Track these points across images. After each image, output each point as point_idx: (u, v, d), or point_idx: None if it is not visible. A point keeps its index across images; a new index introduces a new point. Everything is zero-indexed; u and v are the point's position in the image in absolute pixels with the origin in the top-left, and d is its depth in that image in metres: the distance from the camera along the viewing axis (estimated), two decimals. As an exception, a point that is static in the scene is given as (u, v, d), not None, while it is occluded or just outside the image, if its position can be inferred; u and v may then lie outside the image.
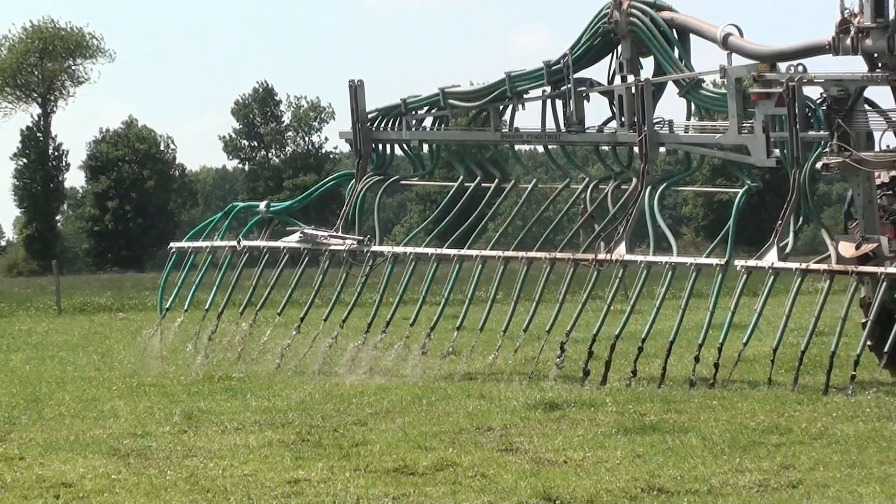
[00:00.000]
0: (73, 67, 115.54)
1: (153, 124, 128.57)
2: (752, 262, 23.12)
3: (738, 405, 19.66)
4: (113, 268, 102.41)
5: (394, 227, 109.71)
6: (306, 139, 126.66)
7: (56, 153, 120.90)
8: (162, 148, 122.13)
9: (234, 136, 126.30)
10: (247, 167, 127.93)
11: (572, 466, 15.29)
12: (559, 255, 24.45)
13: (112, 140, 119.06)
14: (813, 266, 22.79)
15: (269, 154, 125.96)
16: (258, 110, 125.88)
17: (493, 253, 25.20)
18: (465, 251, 25.41)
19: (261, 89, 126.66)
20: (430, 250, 25.54)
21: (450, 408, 19.89)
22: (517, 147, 27.64)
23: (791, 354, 22.93)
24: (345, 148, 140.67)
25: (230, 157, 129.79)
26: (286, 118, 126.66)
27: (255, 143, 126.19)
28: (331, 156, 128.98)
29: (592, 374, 23.20)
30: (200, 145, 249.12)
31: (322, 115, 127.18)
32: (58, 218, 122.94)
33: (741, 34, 23.84)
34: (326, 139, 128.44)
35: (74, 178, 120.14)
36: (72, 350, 31.55)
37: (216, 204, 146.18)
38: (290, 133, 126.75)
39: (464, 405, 20.11)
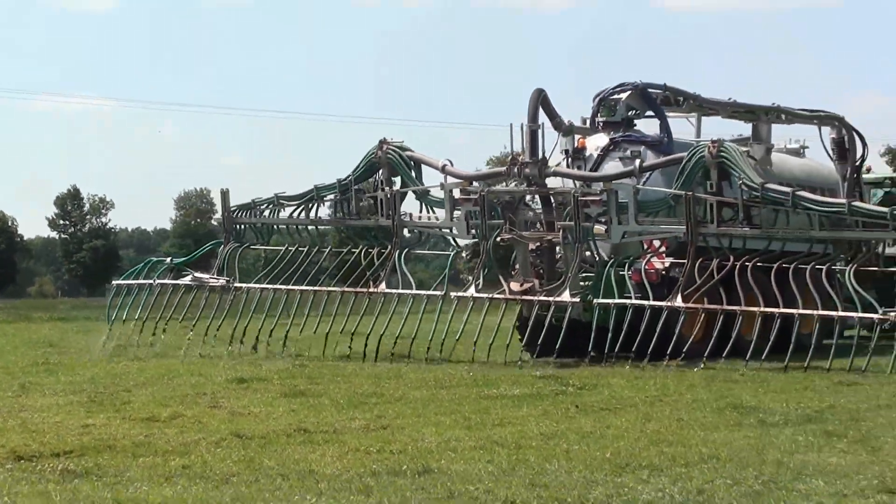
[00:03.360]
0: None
1: (4, 209, 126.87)
2: (460, 293, 24.11)
3: (353, 379, 19.68)
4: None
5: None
6: (98, 220, 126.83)
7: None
8: (9, 224, 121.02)
9: (55, 217, 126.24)
10: (62, 236, 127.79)
11: (253, 416, 15.31)
12: (346, 289, 24.93)
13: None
14: (496, 296, 23.71)
15: (76, 229, 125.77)
16: (69, 202, 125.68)
17: (309, 288, 25.39)
18: (291, 287, 25.29)
19: (72, 189, 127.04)
20: (269, 286, 25.48)
21: (180, 381, 19.53)
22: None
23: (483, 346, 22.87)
24: (124, 224, 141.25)
25: (52, 230, 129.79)
26: (87, 206, 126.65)
27: (67, 222, 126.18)
28: (112, 230, 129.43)
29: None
30: (35, 222, 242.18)
31: (107, 206, 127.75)
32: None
33: (452, 164, 25.09)
34: (110, 220, 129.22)
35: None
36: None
37: (44, 259, 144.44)
38: (88, 216, 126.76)
39: (188, 380, 19.70)
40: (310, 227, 26.91)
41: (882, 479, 10.64)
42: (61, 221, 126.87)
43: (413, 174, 25.57)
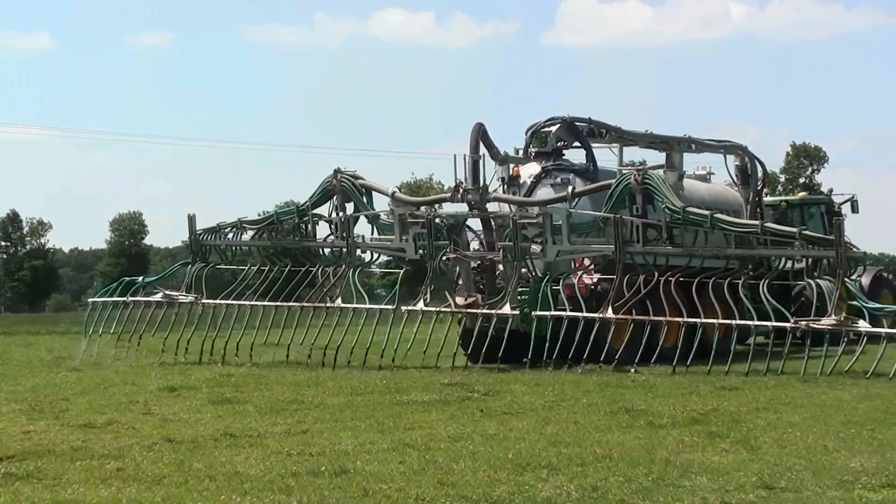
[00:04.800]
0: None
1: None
2: (410, 307, 24.55)
3: (275, 387, 19.64)
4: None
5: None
6: (37, 241, 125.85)
7: None
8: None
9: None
10: (3, 256, 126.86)
11: (183, 422, 15.25)
12: (305, 304, 25.37)
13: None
14: (443, 309, 24.22)
15: (16, 249, 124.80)
16: (10, 225, 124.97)
17: (269, 303, 25.64)
18: (254, 302, 25.57)
19: (11, 213, 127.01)
20: (234, 302, 25.76)
21: (115, 390, 19.39)
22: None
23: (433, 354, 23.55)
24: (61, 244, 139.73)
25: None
26: (26, 229, 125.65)
27: (8, 243, 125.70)
28: (50, 251, 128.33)
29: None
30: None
31: (45, 228, 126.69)
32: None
33: (401, 191, 26.01)
34: (48, 240, 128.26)
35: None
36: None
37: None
38: (27, 237, 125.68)
39: (122, 389, 19.55)
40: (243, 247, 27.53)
41: (760, 476, 10.84)
42: (2, 243, 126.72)
43: (365, 200, 26.05)
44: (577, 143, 26.37)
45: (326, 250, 26.61)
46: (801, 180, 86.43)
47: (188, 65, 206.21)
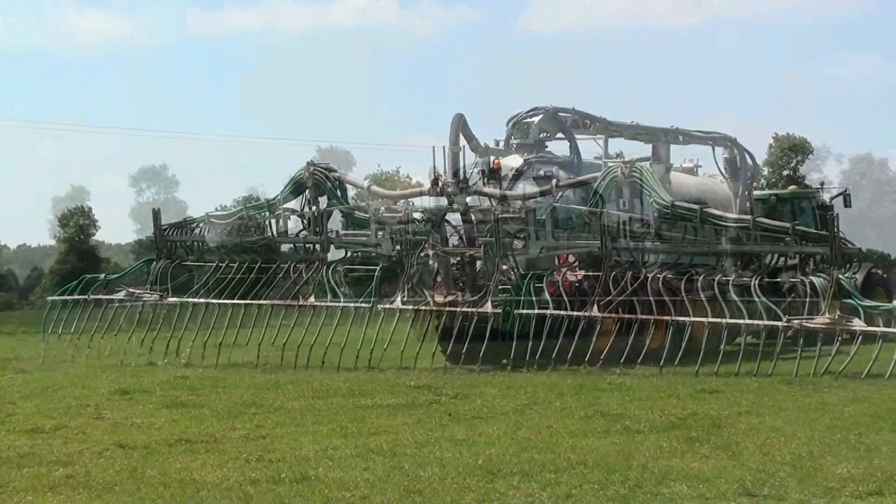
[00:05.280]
0: None
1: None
2: (386, 305, 23.94)
3: (233, 390, 19.22)
4: None
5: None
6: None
7: None
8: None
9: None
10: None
11: (136, 427, 15.09)
12: (277, 302, 24.81)
13: None
14: (421, 307, 23.75)
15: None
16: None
17: (239, 302, 25.14)
18: (222, 301, 25.08)
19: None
20: (201, 300, 25.31)
21: (64, 393, 19.11)
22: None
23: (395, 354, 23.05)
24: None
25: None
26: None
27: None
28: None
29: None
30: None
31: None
32: None
33: (376, 184, 25.90)
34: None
35: None
36: None
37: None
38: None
39: (72, 392, 19.24)
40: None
41: (742, 483, 10.70)
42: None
43: (339, 194, 25.64)
44: (560, 135, 25.96)
45: (288, 246, 26.37)
46: (785, 173, 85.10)
47: (139, 52, 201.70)
